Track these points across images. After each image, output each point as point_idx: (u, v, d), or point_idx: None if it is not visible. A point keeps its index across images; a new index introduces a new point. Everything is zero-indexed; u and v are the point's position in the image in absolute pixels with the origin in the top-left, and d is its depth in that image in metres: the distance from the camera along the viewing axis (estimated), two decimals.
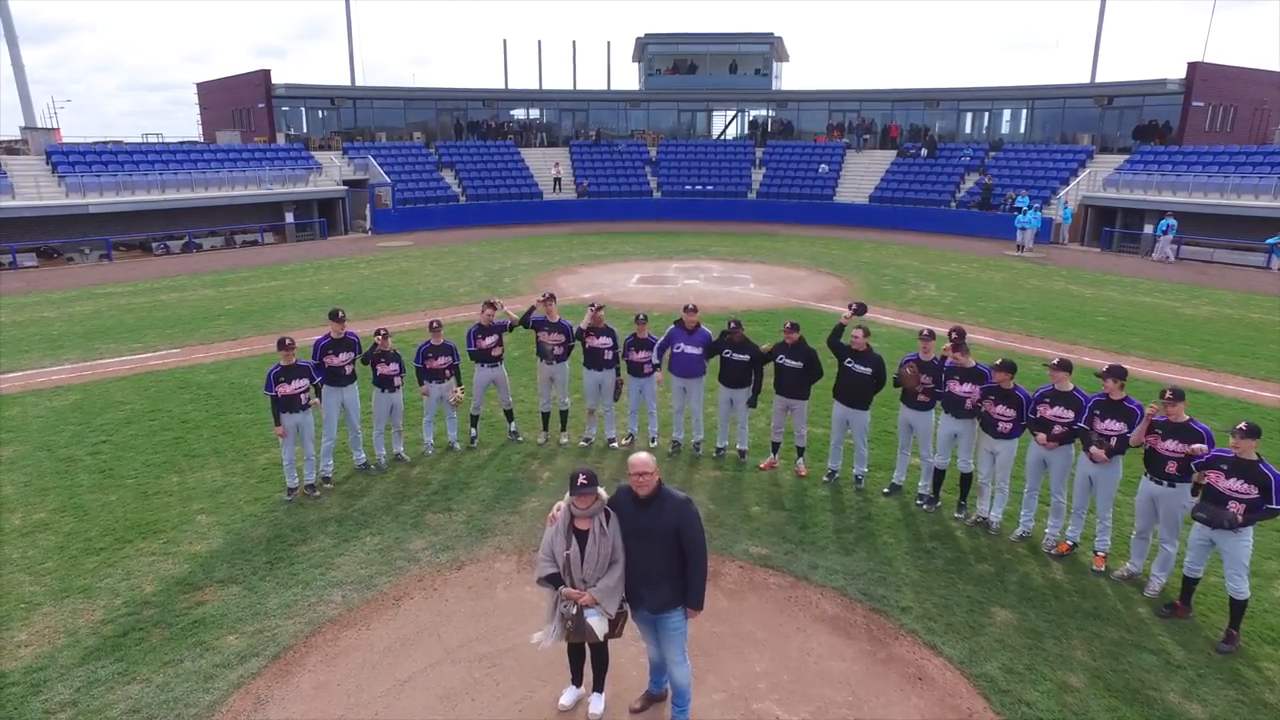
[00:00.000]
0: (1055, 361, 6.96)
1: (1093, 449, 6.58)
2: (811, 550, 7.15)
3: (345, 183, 34.36)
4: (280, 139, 37.66)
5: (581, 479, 4.42)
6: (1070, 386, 6.90)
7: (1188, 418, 6.14)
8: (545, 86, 48.19)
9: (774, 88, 45.76)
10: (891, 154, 39.23)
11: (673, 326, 8.82)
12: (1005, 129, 41.35)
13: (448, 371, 8.94)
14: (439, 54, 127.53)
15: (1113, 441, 6.52)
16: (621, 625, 4.64)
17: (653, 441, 9.40)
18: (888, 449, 8.80)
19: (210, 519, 7.82)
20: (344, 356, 8.40)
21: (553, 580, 4.57)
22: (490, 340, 9.16)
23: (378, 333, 8.58)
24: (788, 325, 8.41)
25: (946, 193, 35.37)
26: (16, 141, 32.42)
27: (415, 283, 20.96)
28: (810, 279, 21.63)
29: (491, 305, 9.26)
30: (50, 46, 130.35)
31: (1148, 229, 28.05)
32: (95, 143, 34.02)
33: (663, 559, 4.46)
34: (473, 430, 9.60)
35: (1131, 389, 6.86)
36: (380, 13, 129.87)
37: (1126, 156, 32.80)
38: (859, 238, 31.27)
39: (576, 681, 5.07)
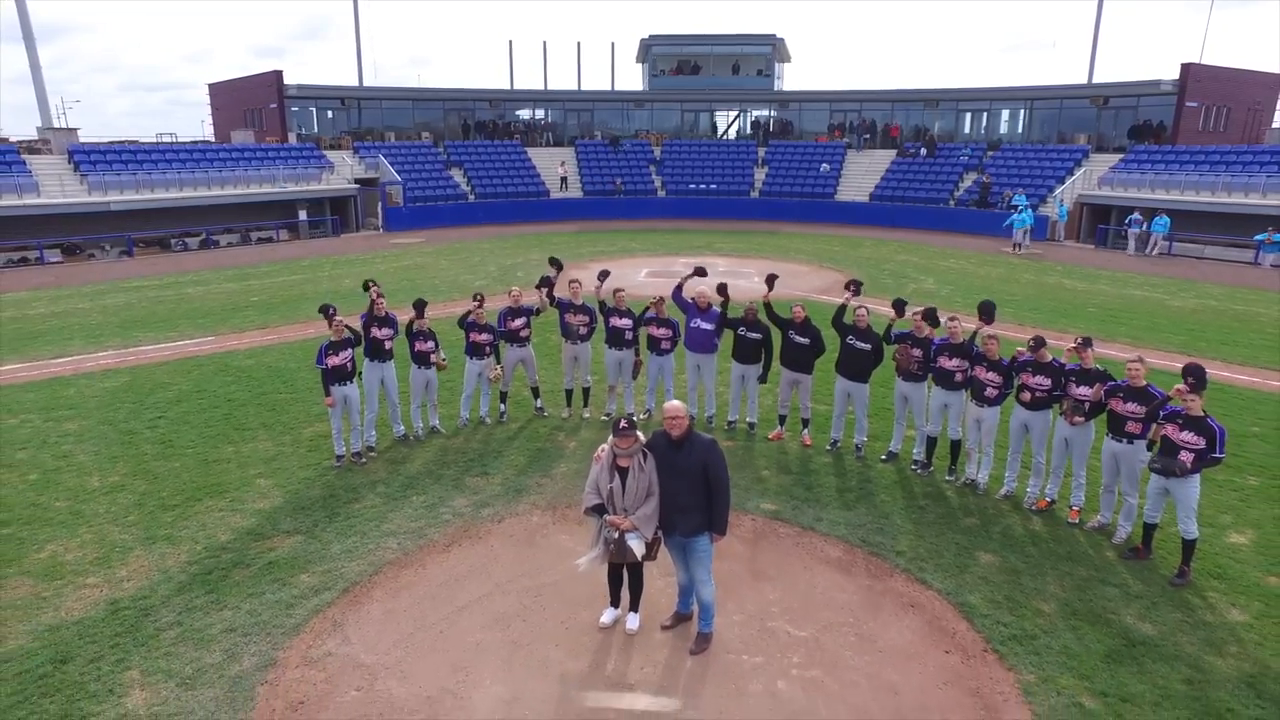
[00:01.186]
0: (1032, 341, 7.74)
1: (1068, 412, 7.36)
2: (816, 506, 7.94)
3: (357, 181, 35.16)
4: (292, 139, 38.49)
5: (623, 424, 5.22)
6: (1049, 358, 7.69)
7: (1146, 383, 6.93)
8: (550, 87, 48.93)
9: (776, 88, 46.52)
10: (892, 153, 39.99)
11: (694, 296, 9.57)
12: (1004, 129, 42.11)
13: (488, 349, 9.72)
14: (439, 54, 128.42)
15: (1086, 406, 7.30)
16: (656, 549, 5.43)
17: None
18: (885, 422, 9.57)
19: (268, 482, 8.62)
20: (385, 331, 9.19)
21: (598, 510, 5.36)
22: (519, 322, 9.95)
23: (475, 296, 9.65)
24: (795, 307, 9.21)
25: (945, 191, 36.13)
26: (37, 141, 33.21)
27: (431, 276, 21.76)
28: (812, 274, 22.41)
29: (543, 284, 10.01)
30: (50, 47, 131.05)
31: (1131, 220, 28.85)
32: (114, 142, 34.78)
33: (692, 491, 5.25)
34: (502, 406, 10.40)
35: (1113, 370, 7.64)
36: (379, 13, 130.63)
37: (1121, 156, 33.58)
38: (860, 235, 32.04)
39: (615, 604, 5.87)
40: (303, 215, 33.46)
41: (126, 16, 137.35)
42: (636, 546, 5.24)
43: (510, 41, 65.03)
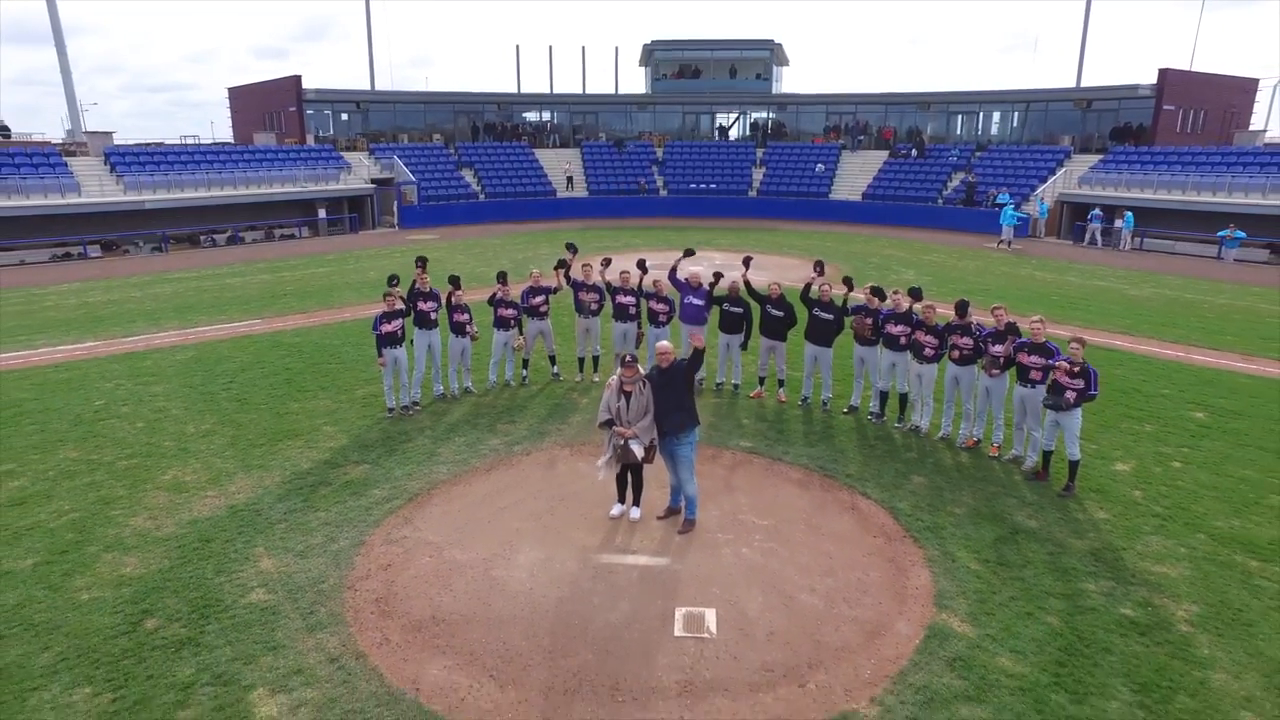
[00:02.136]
0: (956, 306, 9.50)
1: (987, 366, 9.13)
2: (785, 444, 9.73)
3: (373, 181, 37.00)
4: (309, 140, 40.35)
5: (628, 358, 7.01)
6: (974, 321, 9.45)
7: (1044, 340, 8.70)
8: (556, 89, 50.72)
9: (774, 91, 48.27)
10: (884, 154, 41.72)
11: (687, 277, 11.34)
12: (995, 130, 43.79)
13: (512, 321, 11.51)
14: (442, 55, 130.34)
15: (1001, 360, 9.06)
16: (652, 454, 7.21)
17: None
18: (847, 383, 11.34)
19: (333, 429, 10.41)
20: (430, 304, 10.98)
21: (608, 424, 7.14)
22: (539, 299, 11.75)
23: (498, 276, 11.50)
24: (772, 285, 10.99)
25: (934, 190, 37.87)
26: (72, 144, 35.11)
27: (449, 269, 23.32)
28: (802, 266, 24.09)
29: (560, 266, 11.82)
30: (53, 48, 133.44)
31: (1092, 216, 30.72)
32: (147, 144, 36.67)
33: (675, 398, 7.08)
34: (524, 371, 12.21)
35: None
36: (380, 14, 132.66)
37: (1102, 156, 35.31)
38: (852, 232, 33.81)
39: (621, 500, 7.66)
40: (322, 214, 35.30)
41: (129, 18, 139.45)
42: (637, 449, 7.03)
43: (517, 46, 66.97)
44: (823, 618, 6.15)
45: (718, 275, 11.41)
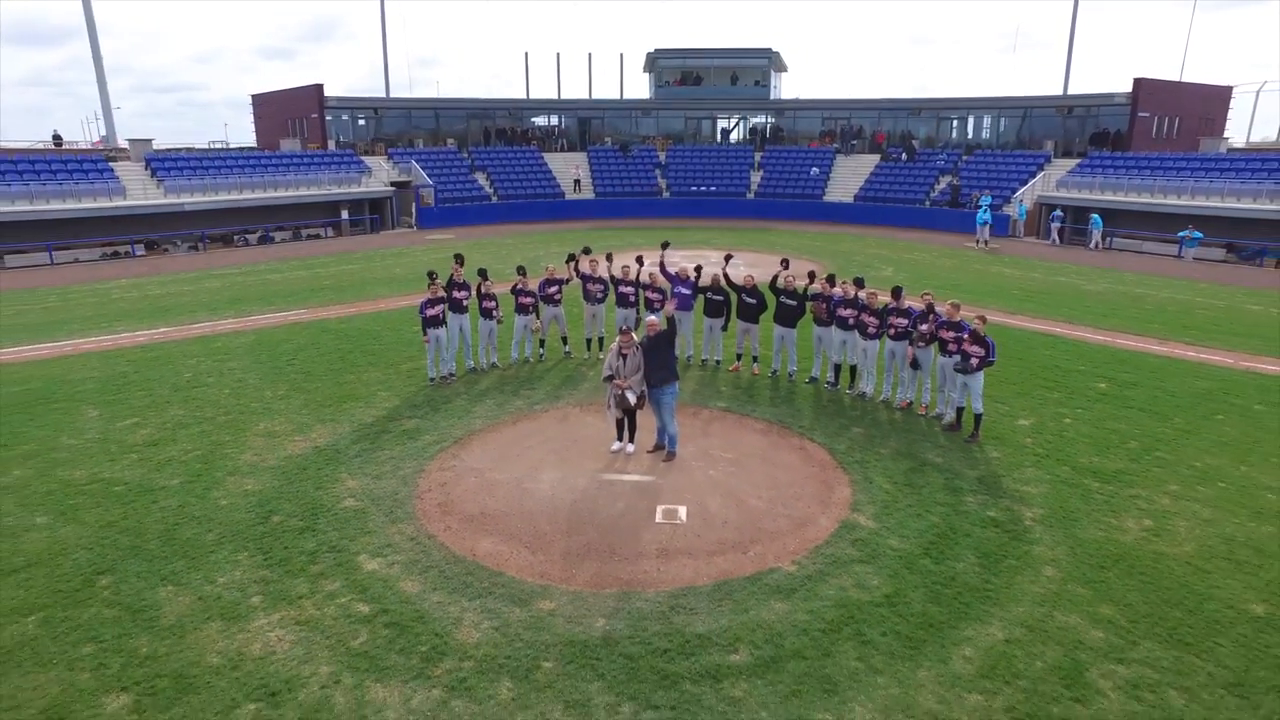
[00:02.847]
0: (892, 291, 11.76)
1: (915, 340, 11.38)
2: (753, 404, 12.00)
3: (392, 184, 39.37)
4: (330, 145, 42.75)
5: (625, 328, 9.30)
6: (906, 305, 11.69)
7: (958, 319, 10.94)
8: (563, 94, 53.02)
9: (772, 96, 50.47)
10: (876, 158, 43.91)
11: (677, 271, 13.61)
12: (985, 134, 45.86)
13: (531, 308, 13.80)
14: (446, 55, 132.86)
15: (927, 335, 11.30)
16: (642, 402, 9.48)
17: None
18: (808, 359, 13.57)
19: (386, 394, 12.72)
20: (463, 293, 13.28)
21: (610, 378, 9.43)
22: (554, 289, 14.04)
23: (519, 269, 13.64)
24: (747, 275, 13.26)
25: (922, 193, 40.04)
26: (113, 149, 37.61)
27: (473, 264, 25.81)
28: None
29: (570, 260, 14.12)
30: (61, 49, 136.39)
31: (1054, 216, 32.98)
32: (184, 150, 39.13)
33: (660, 359, 9.37)
34: (541, 350, 14.51)
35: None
36: (390, 14, 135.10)
37: (1079, 160, 37.42)
38: (842, 232, 36.03)
39: (620, 438, 9.96)
40: (345, 215, 37.67)
41: (134, 19, 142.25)
42: (631, 397, 9.31)
43: (526, 53, 69.23)
44: (765, 514, 8.43)
45: (698, 268, 13.65)
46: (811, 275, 13.13)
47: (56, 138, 36.60)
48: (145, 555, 7.70)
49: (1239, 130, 43.63)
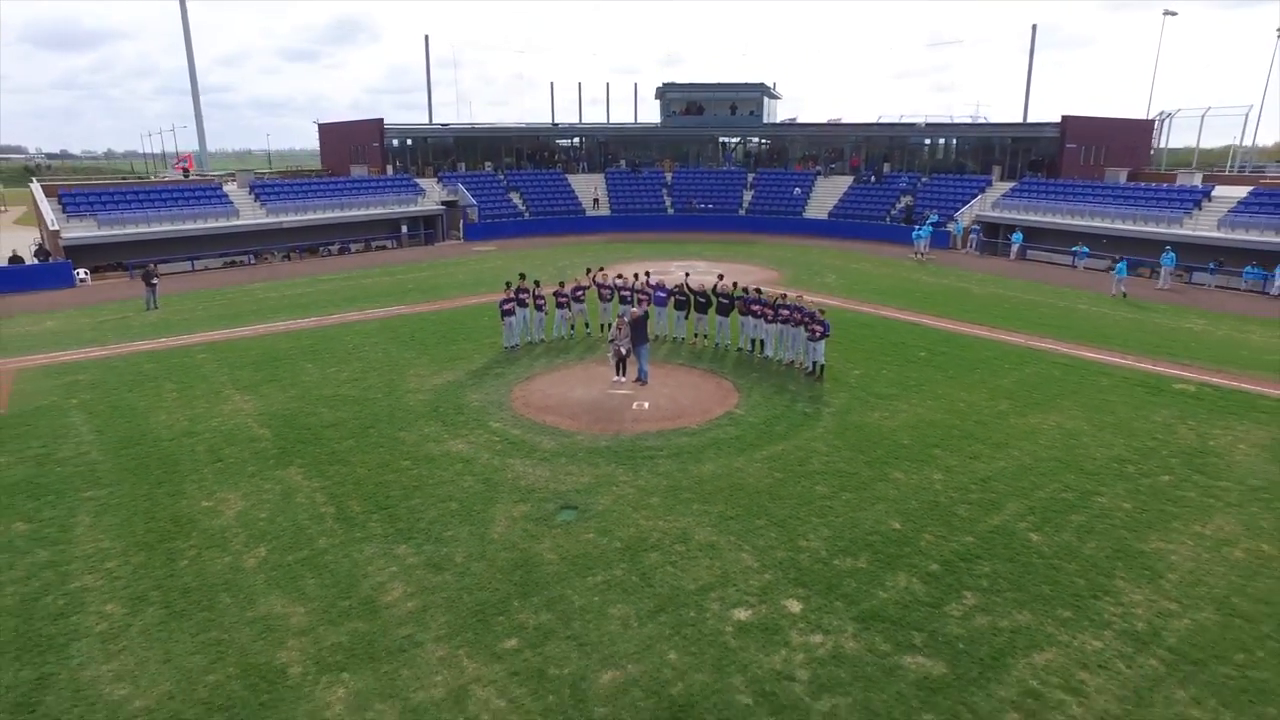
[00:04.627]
0: (756, 289, 19.78)
1: (778, 321, 19.34)
2: (698, 361, 20.04)
3: (442, 203, 47.72)
4: (388, 170, 51.19)
5: (622, 316, 17.43)
6: (778, 299, 19.65)
7: (814, 309, 18.91)
8: (585, 120, 61.24)
9: (765, 121, 58.21)
10: (850, 179, 51.67)
11: (658, 280, 21.72)
12: (952, 155, 53.25)
13: (566, 303, 21.91)
14: (465, 56, 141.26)
15: (793, 318, 19.22)
16: (629, 354, 17.58)
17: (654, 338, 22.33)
18: (736, 336, 21.52)
19: (480, 355, 20.86)
20: (523, 294, 21.42)
21: (612, 341, 17.56)
22: (580, 292, 22.18)
23: (561, 282, 21.72)
24: (705, 284, 21.35)
25: (884, 210, 47.77)
26: (224, 175, 46.30)
27: (515, 272, 34.02)
28: (757, 271, 34.34)
29: (588, 272, 22.28)
30: (91, 53, 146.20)
31: (973, 230, 40.20)
32: (281, 176, 47.70)
33: (639, 331, 17.50)
34: (571, 330, 22.64)
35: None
36: (400, 14, 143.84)
37: (1013, 184, 44.97)
38: (814, 245, 43.86)
39: (616, 373, 18.08)
40: (404, 229, 46.07)
41: (160, 21, 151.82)
42: (623, 350, 17.43)
43: (552, 83, 77.49)
44: (688, 407, 16.48)
45: (687, 274, 21.72)
46: (734, 284, 21.12)
47: (185, 171, 45.27)
48: (385, 423, 15.88)
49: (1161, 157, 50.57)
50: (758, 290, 20.46)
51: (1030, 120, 53.22)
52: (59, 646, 8.84)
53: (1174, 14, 53.54)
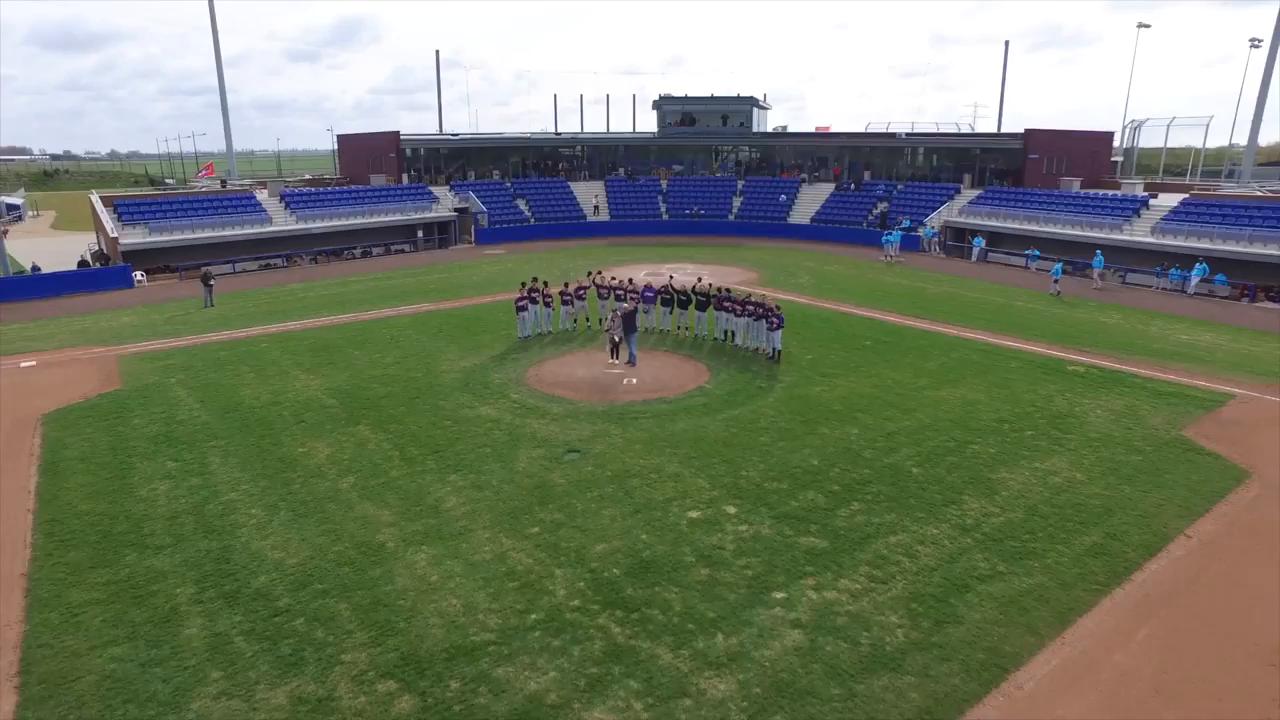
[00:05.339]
0: (726, 289, 23.94)
1: (746, 314, 23.48)
2: (681, 350, 24.19)
3: (455, 210, 51.88)
4: (404, 179, 55.36)
5: (616, 310, 21.60)
6: (746, 297, 23.78)
7: (767, 300, 23.04)
8: (587, 127, 65.36)
9: (754, 130, 62.34)
10: (831, 187, 55.76)
11: (647, 282, 25.87)
12: (933, 163, 57.26)
13: (575, 299, 26.07)
14: (468, 55, 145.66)
15: (755, 312, 23.34)
16: (623, 340, 21.73)
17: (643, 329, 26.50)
18: (712, 328, 25.63)
19: (499, 344, 25.00)
20: (534, 292, 25.56)
21: (608, 331, 21.72)
22: (582, 291, 26.33)
23: (566, 283, 25.89)
24: (687, 284, 25.52)
25: (862, 215, 51.85)
26: (256, 184, 50.49)
27: (523, 273, 38.20)
28: (739, 272, 38.48)
29: (589, 274, 26.43)
30: (95, 55, 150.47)
31: (931, 233, 44.27)
32: (304, 186, 51.94)
33: (629, 322, 21.67)
34: (574, 323, 26.78)
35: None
36: (403, 14, 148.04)
37: (979, 192, 49.04)
38: (795, 248, 47.95)
39: (611, 357, 22.24)
40: (420, 234, 50.22)
41: (162, 24, 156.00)
42: (616, 338, 21.59)
43: (555, 95, 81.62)
44: (668, 383, 20.62)
45: (671, 277, 25.91)
46: (710, 285, 25.32)
47: (222, 181, 49.46)
48: (427, 394, 20.01)
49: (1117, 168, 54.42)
50: (728, 290, 24.65)
51: (1003, 131, 57.35)
52: (229, 531, 13.03)
53: (1148, 26, 57.50)
